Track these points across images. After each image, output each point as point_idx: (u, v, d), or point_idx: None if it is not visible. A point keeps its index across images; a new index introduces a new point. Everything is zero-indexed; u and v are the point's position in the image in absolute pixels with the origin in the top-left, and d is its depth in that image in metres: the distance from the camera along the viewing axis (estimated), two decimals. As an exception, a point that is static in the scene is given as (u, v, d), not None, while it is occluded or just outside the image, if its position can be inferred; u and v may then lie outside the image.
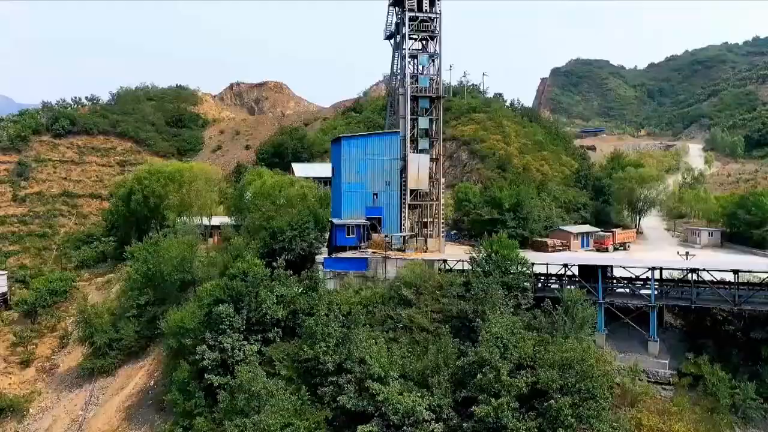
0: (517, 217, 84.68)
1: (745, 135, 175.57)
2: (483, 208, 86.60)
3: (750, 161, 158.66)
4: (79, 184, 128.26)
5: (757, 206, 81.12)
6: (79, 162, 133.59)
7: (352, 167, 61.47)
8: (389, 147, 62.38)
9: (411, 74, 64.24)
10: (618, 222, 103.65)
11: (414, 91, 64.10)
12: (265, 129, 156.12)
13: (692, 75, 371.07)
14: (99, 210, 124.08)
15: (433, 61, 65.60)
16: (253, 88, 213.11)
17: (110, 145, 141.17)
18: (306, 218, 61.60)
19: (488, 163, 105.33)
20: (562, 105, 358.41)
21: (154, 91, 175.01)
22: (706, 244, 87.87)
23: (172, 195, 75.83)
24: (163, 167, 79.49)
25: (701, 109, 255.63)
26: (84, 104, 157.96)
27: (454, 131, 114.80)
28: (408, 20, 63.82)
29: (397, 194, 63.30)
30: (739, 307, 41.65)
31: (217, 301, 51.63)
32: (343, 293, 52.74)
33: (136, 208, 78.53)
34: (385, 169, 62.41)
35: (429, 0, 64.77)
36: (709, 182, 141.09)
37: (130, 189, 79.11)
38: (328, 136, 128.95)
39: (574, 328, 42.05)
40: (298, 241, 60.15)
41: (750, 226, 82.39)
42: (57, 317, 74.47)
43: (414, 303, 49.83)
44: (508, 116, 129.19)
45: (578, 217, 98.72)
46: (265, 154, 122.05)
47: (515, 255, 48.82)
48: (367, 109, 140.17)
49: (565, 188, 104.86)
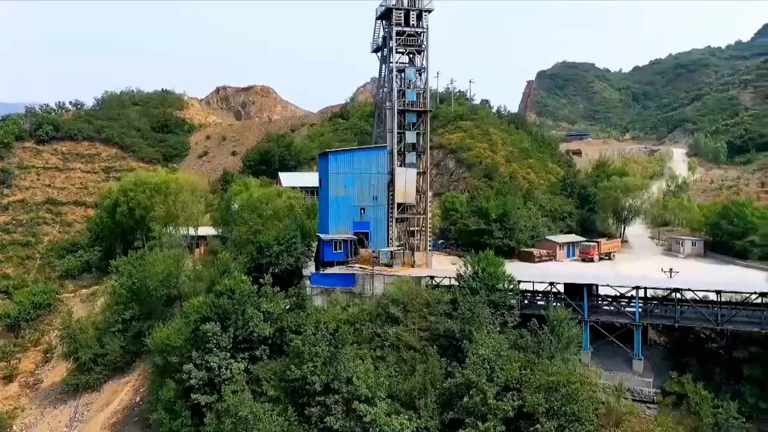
0: (503, 228, 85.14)
1: (727, 141, 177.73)
2: (470, 219, 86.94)
3: (732, 167, 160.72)
4: (63, 192, 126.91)
5: (738, 217, 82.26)
6: (63, 168, 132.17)
7: (340, 182, 61.46)
8: (376, 161, 62.45)
9: (398, 88, 64.34)
10: (603, 230, 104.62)
11: (401, 105, 64.22)
12: (252, 135, 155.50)
13: (676, 78, 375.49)
14: (83, 218, 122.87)
15: (420, 75, 65.77)
16: (240, 92, 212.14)
17: (95, 151, 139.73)
18: (293, 233, 61.48)
19: (475, 172, 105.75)
20: (548, 108, 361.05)
21: (140, 96, 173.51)
22: (690, 253, 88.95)
23: (157, 206, 75.32)
24: (148, 178, 78.91)
25: (685, 113, 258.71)
26: (68, 109, 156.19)
27: (441, 139, 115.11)
28: (395, 34, 63.95)
29: (385, 208, 63.39)
30: (721, 327, 42.24)
31: (203, 319, 51.44)
32: (331, 310, 52.74)
33: (121, 220, 77.95)
34: (373, 184, 62.46)
35: (416, 14, 64.96)
36: (693, 189, 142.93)
37: (116, 200, 78.45)
38: (315, 143, 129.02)
39: (560, 348, 42.39)
40: (285, 256, 60.07)
41: (732, 236, 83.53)
42: (41, 331, 73.74)
43: (401, 320, 49.94)
44: (495, 123, 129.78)
45: (564, 225, 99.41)
46: (252, 162, 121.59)
47: (502, 272, 49.11)
48: (354, 116, 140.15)
49: (551, 196, 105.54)
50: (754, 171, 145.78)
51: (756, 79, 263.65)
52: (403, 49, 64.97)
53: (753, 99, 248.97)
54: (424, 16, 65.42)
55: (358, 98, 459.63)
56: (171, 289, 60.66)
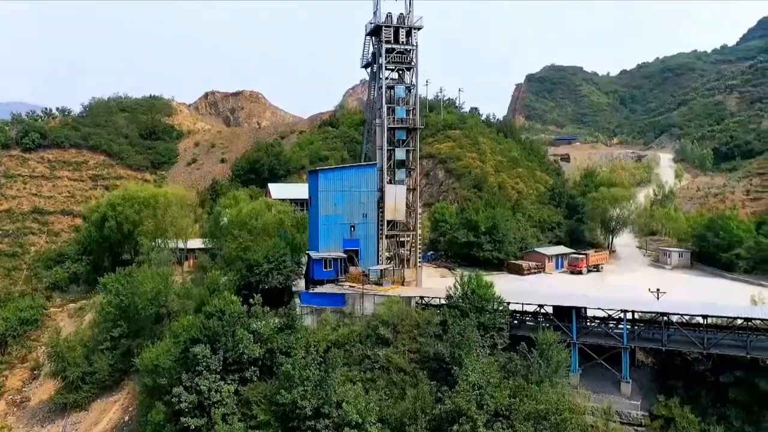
0: (493, 240, 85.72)
1: (713, 148, 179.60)
2: (459, 231, 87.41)
3: (718, 174, 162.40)
4: (50, 200, 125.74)
5: (724, 230, 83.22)
6: (50, 177, 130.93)
7: (329, 200, 61.46)
8: (366, 179, 62.52)
9: (387, 105, 64.45)
10: (591, 240, 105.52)
11: (391, 122, 64.35)
12: (241, 142, 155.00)
13: (663, 82, 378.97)
14: (71, 227, 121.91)
15: (409, 92, 65.93)
16: (229, 98, 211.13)
17: (82, 158, 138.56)
18: (282, 250, 61.46)
19: (464, 182, 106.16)
20: (537, 111, 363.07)
21: (128, 102, 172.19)
22: (677, 264, 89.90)
23: (146, 221, 74.91)
24: (137, 192, 78.41)
25: (672, 118, 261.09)
26: (55, 116, 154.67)
27: (430, 149, 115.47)
28: (384, 52, 64.12)
29: (375, 226, 63.48)
30: (707, 351, 42.76)
31: (193, 341, 51.35)
32: (321, 330, 52.75)
33: (109, 234, 77.40)
34: (362, 201, 62.52)
35: (405, 31, 65.16)
36: (679, 196, 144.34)
37: (104, 214, 77.91)
38: (304, 152, 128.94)
39: (549, 372, 42.72)
40: (274, 275, 60.03)
41: (718, 249, 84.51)
42: (28, 347, 73.07)
43: (391, 342, 50.08)
44: (484, 132, 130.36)
45: (553, 236, 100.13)
46: (241, 171, 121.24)
47: (491, 294, 49.38)
48: (343, 124, 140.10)
49: (540, 206, 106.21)
50: (739, 179, 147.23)
51: (741, 85, 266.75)
52: (393, 66, 65.13)
53: (738, 104, 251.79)
54: (413, 34, 65.64)
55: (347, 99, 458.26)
56: (160, 308, 60.37)
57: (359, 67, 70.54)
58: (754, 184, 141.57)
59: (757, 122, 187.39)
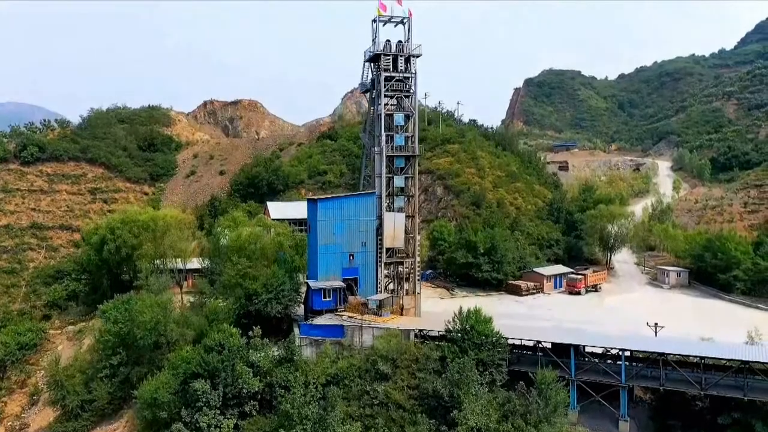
0: (491, 261, 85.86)
1: (711, 158, 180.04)
2: (458, 252, 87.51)
3: (716, 185, 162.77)
4: (49, 215, 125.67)
5: (722, 251, 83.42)
6: (48, 191, 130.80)
7: (328, 229, 61.52)
8: (365, 208, 62.59)
9: (386, 133, 64.54)
10: (589, 257, 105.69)
11: (389, 150, 64.45)
12: (240, 153, 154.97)
13: (661, 87, 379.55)
14: (69, 242, 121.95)
15: (408, 119, 66.02)
16: (227, 107, 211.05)
17: (81, 171, 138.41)
18: (281, 279, 61.62)
19: (463, 199, 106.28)
20: (535, 116, 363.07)
21: (126, 113, 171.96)
22: (674, 284, 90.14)
23: (145, 245, 74.95)
24: (136, 215, 78.34)
25: (670, 125, 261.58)
26: (54, 128, 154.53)
27: (429, 164, 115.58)
28: (383, 80, 64.19)
29: (374, 254, 63.54)
30: (705, 392, 42.93)
31: (193, 375, 51.49)
32: (320, 364, 52.80)
33: (108, 257, 77.43)
34: (362, 230, 62.59)
35: (404, 59, 65.24)
36: (678, 208, 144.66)
37: (103, 237, 77.96)
38: (303, 166, 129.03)
39: (547, 412, 42.86)
40: (273, 304, 60.29)
41: (716, 269, 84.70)
42: (26, 372, 73.08)
43: (390, 377, 50.24)
44: (483, 146, 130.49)
45: (551, 253, 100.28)
46: (240, 186, 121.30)
47: (490, 330, 49.48)
48: (342, 137, 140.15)
49: (538, 222, 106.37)
50: (737, 191, 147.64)
51: (739, 91, 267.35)
52: (392, 94, 65.18)
53: (736, 111, 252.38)
54: (412, 61, 65.76)
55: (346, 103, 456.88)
56: (159, 337, 60.37)
57: (359, 92, 70.66)
58: (751, 196, 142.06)
59: (755, 132, 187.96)
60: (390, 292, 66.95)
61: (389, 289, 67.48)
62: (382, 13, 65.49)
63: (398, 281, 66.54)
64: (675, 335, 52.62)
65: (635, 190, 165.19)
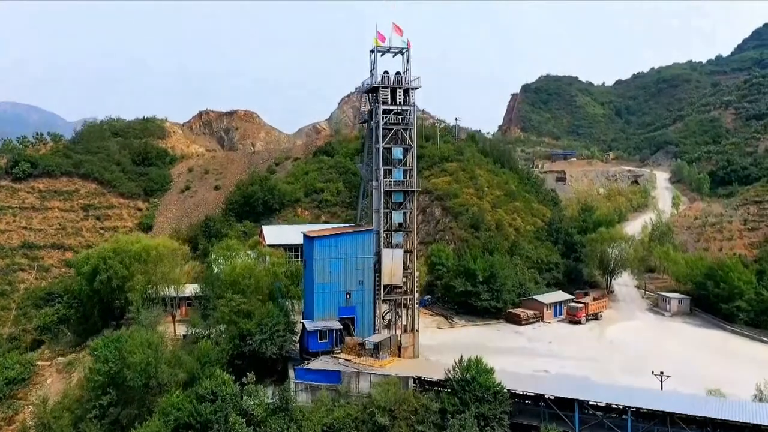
0: (491, 290, 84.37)
1: (710, 171, 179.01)
2: (457, 279, 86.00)
3: (715, 200, 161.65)
4: (41, 233, 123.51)
5: (725, 281, 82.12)
6: (40, 208, 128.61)
7: (325, 267, 59.95)
8: (363, 245, 61.04)
9: (384, 167, 63.02)
10: (589, 279, 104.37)
11: (387, 185, 62.92)
12: (235, 167, 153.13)
13: (658, 93, 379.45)
14: (61, 261, 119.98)
15: (407, 152, 64.52)
16: (223, 117, 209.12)
17: (73, 187, 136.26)
18: (276, 319, 60.02)
19: (462, 221, 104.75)
20: (533, 123, 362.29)
21: (120, 125, 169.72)
22: (676, 312, 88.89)
23: (137, 276, 73.20)
24: (128, 245, 76.56)
25: (667, 134, 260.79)
26: (46, 141, 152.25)
27: (427, 183, 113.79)
28: (381, 113, 62.69)
29: (371, 292, 62.01)
30: (715, 454, 41.49)
31: (184, 426, 49.94)
32: (316, 412, 51.17)
33: (99, 288, 75.68)
34: (359, 268, 61.05)
35: (402, 91, 63.76)
36: (677, 225, 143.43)
37: (95, 267, 76.18)
38: (299, 184, 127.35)
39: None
40: (268, 345, 58.69)
41: (719, 298, 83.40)
42: (14, 408, 71.21)
43: (388, 429, 48.69)
44: (481, 163, 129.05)
45: (550, 277, 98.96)
46: (235, 205, 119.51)
47: (492, 382, 47.94)
48: (339, 152, 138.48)
49: (537, 244, 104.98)
50: (736, 207, 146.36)
51: (737, 100, 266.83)
52: (390, 127, 63.60)
53: (734, 121, 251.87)
54: (411, 93, 64.29)
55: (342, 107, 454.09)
56: (150, 379, 58.62)
57: (359, 122, 69.13)
58: (751, 212, 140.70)
59: (754, 145, 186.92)
60: (387, 322, 65.48)
61: (386, 319, 66.03)
62: (380, 44, 64.04)
63: (396, 311, 65.12)
64: (682, 386, 51.22)
65: (634, 205, 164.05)
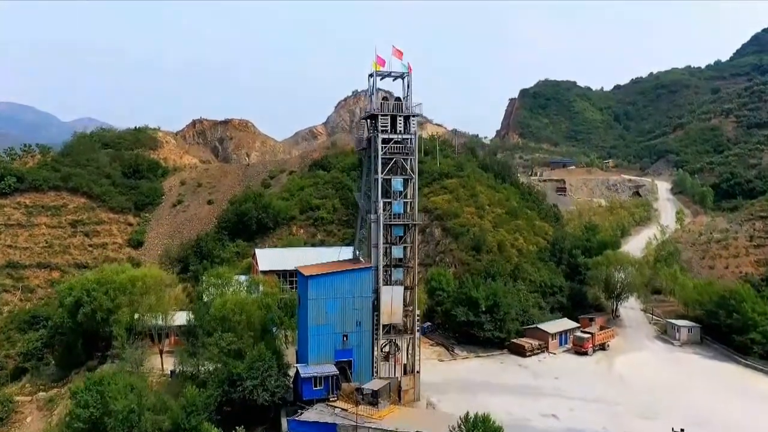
0: (494, 319, 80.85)
1: (713, 183, 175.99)
2: (458, 308, 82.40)
3: (719, 213, 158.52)
4: (26, 252, 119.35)
5: (738, 312, 78.75)
6: (26, 225, 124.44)
7: (320, 308, 56.27)
8: (360, 283, 57.41)
9: (384, 200, 59.38)
10: (594, 303, 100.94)
11: (386, 218, 59.28)
12: (229, 180, 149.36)
13: (656, 99, 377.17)
14: (47, 281, 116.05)
15: (407, 183, 60.91)
16: (217, 126, 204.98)
17: (61, 202, 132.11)
18: (269, 363, 56.35)
19: (462, 242, 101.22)
20: (531, 129, 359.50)
21: (111, 136, 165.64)
22: (686, 341, 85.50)
23: (122, 309, 69.46)
24: (113, 275, 72.70)
25: (668, 143, 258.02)
26: (34, 153, 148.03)
27: (426, 201, 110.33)
28: (381, 142, 59.06)
29: (369, 333, 58.40)
30: None
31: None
32: (310, 471, 47.57)
33: (83, 321, 71.85)
34: (356, 308, 57.40)
35: (403, 118, 60.13)
36: (681, 240, 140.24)
37: (78, 299, 72.34)
38: (294, 200, 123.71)
39: None
40: (259, 392, 54.97)
41: (731, 329, 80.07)
42: (-9, 451, 67.27)
43: (388, 493, 45.10)
44: (481, 179, 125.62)
45: (554, 301, 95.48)
46: (228, 223, 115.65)
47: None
48: (335, 167, 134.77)
49: (540, 265, 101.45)
50: (742, 222, 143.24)
51: (737, 108, 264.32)
52: (390, 157, 59.96)
53: (735, 129, 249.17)
54: (411, 120, 60.69)
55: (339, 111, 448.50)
56: (133, 428, 54.84)
57: (355, 150, 65.56)
58: (757, 228, 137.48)
59: (758, 157, 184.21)
60: (386, 354, 61.77)
61: (385, 351, 62.29)
62: (379, 68, 60.45)
63: (396, 344, 61.47)
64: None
65: (636, 219, 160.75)
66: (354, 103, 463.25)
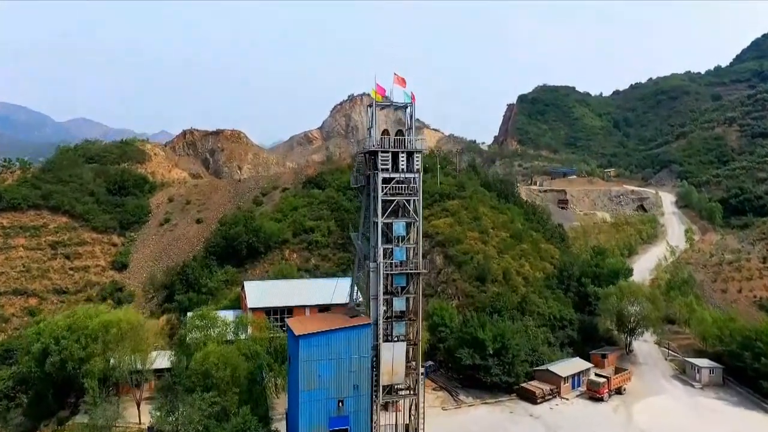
0: (501, 362, 74.73)
1: (721, 198, 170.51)
2: (462, 350, 76.19)
3: (729, 231, 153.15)
4: (2, 277, 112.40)
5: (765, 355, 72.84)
6: (2, 247, 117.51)
7: (313, 371, 49.95)
8: (358, 343, 51.12)
9: (384, 246, 53.10)
10: (605, 335, 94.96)
11: (387, 267, 52.99)
12: (219, 197, 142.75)
13: (657, 105, 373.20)
14: (23, 309, 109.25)
15: (410, 227, 54.64)
16: (208, 137, 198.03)
17: (41, 221, 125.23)
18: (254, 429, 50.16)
19: (466, 272, 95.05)
20: (530, 135, 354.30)
21: (96, 149, 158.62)
22: (707, 383, 79.46)
23: (94, 359, 62.88)
24: (85, 320, 66.09)
25: (670, 152, 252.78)
26: (14, 168, 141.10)
27: (427, 226, 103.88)
28: (381, 181, 52.79)
29: (368, 398, 52.09)
30: None
31: None
32: None
33: (51, 371, 65.15)
34: (353, 370, 51.10)
35: (406, 155, 53.84)
36: (692, 261, 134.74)
37: (46, 346, 65.69)
38: (288, 222, 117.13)
39: None
40: (244, 466, 48.85)
41: (757, 373, 74.13)
42: None
43: None
44: (484, 199, 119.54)
45: (564, 335, 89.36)
46: (217, 248, 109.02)
47: None
48: (330, 185, 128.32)
49: (548, 294, 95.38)
50: (754, 242, 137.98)
51: (741, 117, 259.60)
52: (391, 198, 53.69)
53: (739, 138, 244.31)
54: (415, 157, 54.44)
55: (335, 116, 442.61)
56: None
57: (351, 185, 59.36)
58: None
59: (767, 171, 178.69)
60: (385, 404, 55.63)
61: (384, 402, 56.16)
62: (380, 98, 54.19)
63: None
64: None
65: (644, 237, 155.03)
66: (350, 107, 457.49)
